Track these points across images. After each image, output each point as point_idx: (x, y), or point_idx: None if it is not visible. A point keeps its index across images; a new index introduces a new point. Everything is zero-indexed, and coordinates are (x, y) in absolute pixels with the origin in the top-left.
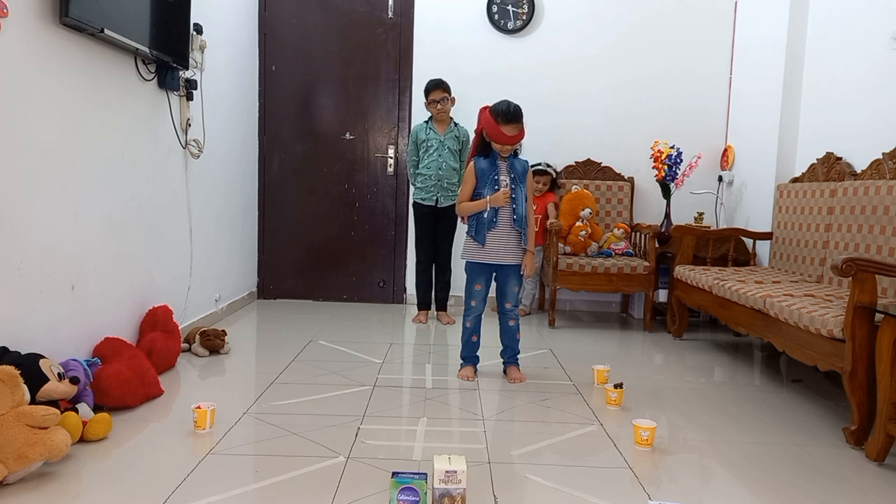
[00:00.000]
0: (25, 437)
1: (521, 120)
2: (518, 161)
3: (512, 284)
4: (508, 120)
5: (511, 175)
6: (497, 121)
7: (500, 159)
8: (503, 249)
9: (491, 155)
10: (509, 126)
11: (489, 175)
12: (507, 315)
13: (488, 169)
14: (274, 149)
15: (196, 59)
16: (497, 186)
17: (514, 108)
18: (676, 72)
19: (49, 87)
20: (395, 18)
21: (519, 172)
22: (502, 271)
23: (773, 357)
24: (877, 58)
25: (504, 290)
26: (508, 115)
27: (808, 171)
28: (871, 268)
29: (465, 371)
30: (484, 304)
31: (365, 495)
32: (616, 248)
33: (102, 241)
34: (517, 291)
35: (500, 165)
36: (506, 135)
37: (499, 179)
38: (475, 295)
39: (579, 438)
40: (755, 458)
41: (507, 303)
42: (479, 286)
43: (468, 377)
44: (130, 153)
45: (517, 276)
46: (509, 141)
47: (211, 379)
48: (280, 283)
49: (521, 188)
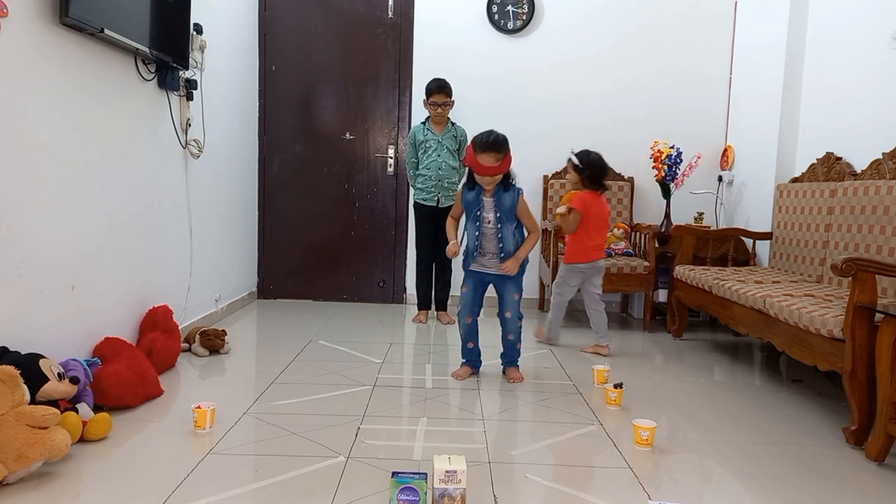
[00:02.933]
0: (25, 437)
1: (502, 150)
2: (508, 195)
3: (510, 293)
4: (485, 148)
5: (497, 212)
6: (474, 150)
7: (484, 193)
8: (493, 266)
9: (476, 187)
10: (485, 155)
11: (472, 209)
12: (506, 326)
13: (473, 202)
14: (274, 149)
15: (196, 59)
16: (479, 223)
17: (493, 136)
18: (676, 72)
19: (49, 87)
20: (395, 18)
21: (507, 207)
22: (499, 280)
23: (773, 357)
24: (877, 58)
25: (503, 297)
26: (485, 144)
27: (808, 171)
28: (871, 268)
29: (460, 370)
30: (470, 310)
31: (365, 495)
32: (616, 248)
33: (102, 242)
34: (517, 300)
35: (483, 199)
36: (482, 164)
37: (481, 215)
38: (461, 298)
39: (579, 438)
40: (755, 458)
41: (507, 311)
42: (465, 288)
43: (459, 376)
44: (130, 153)
45: (515, 284)
46: (486, 172)
47: (211, 379)
48: (280, 283)
49: (509, 225)
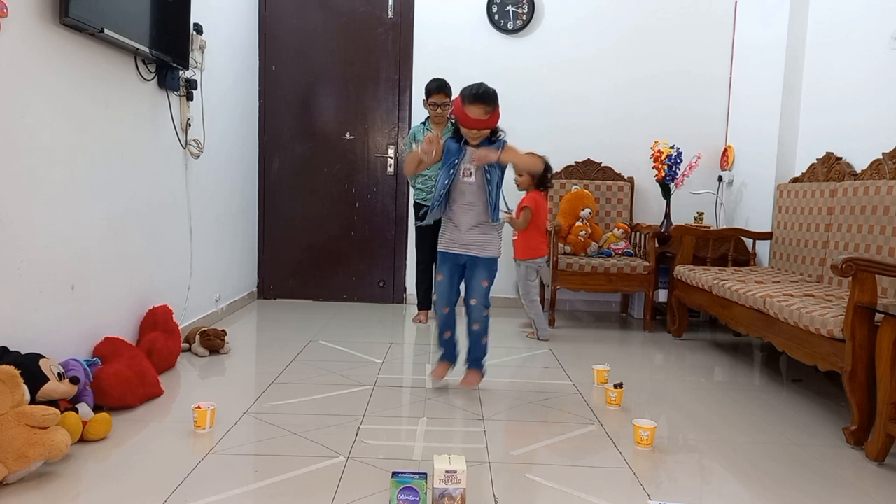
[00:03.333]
0: (25, 437)
1: (492, 103)
2: (493, 147)
3: (479, 279)
4: (474, 100)
5: (485, 165)
6: (463, 102)
7: (469, 144)
8: (470, 239)
9: (462, 139)
10: (474, 107)
11: (451, 158)
12: (471, 315)
13: (454, 151)
14: (274, 149)
15: (196, 59)
16: (452, 171)
17: (483, 89)
18: (676, 72)
19: (49, 87)
20: (395, 18)
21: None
22: (470, 262)
23: (773, 357)
24: (877, 58)
25: (469, 283)
26: (475, 96)
27: (808, 171)
28: (871, 268)
29: (437, 369)
30: (447, 299)
31: (365, 495)
32: (616, 247)
33: (102, 241)
34: (485, 287)
35: (466, 150)
36: (469, 117)
37: (458, 164)
38: (437, 286)
39: (579, 438)
40: (755, 458)
41: (473, 299)
42: (440, 276)
43: (438, 376)
44: (130, 153)
45: (486, 270)
46: (474, 124)
47: (211, 379)
48: (280, 283)
49: (494, 177)
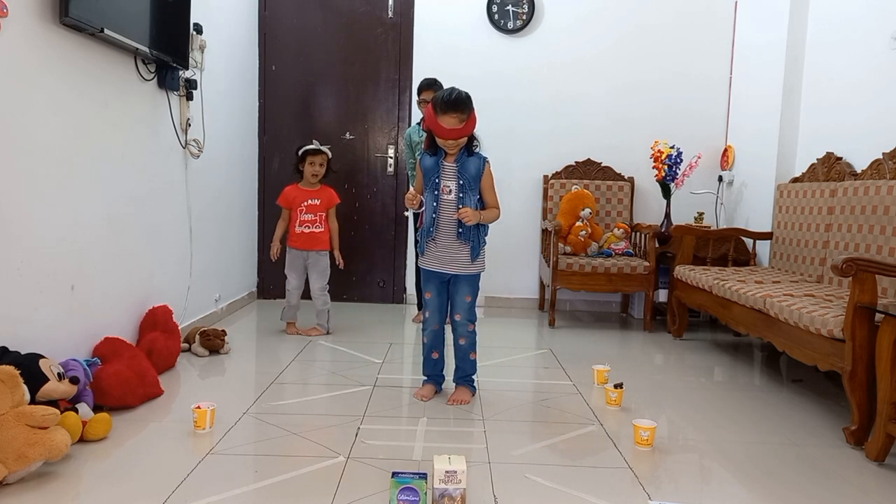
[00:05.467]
0: (25, 437)
1: (466, 109)
2: (472, 161)
3: (462, 294)
4: (446, 108)
5: (460, 180)
6: (435, 111)
7: (445, 158)
8: (448, 259)
9: (438, 152)
10: (447, 117)
11: (431, 176)
12: (457, 331)
13: (432, 167)
14: (274, 149)
15: (196, 58)
16: (437, 191)
17: (455, 94)
18: (677, 73)
19: (49, 87)
20: (395, 18)
21: (471, 175)
22: (453, 279)
23: (773, 357)
24: (877, 58)
25: (454, 298)
26: (447, 103)
27: (808, 171)
28: (871, 268)
29: (422, 390)
30: (439, 317)
31: (365, 495)
32: (616, 248)
33: (102, 241)
34: (468, 303)
35: (444, 166)
36: (444, 128)
37: (439, 183)
38: (427, 304)
39: (579, 438)
40: (755, 458)
41: (457, 314)
42: (428, 294)
43: (424, 397)
44: (130, 153)
45: (469, 285)
46: (447, 135)
47: (211, 379)
48: (280, 283)
49: (471, 195)
